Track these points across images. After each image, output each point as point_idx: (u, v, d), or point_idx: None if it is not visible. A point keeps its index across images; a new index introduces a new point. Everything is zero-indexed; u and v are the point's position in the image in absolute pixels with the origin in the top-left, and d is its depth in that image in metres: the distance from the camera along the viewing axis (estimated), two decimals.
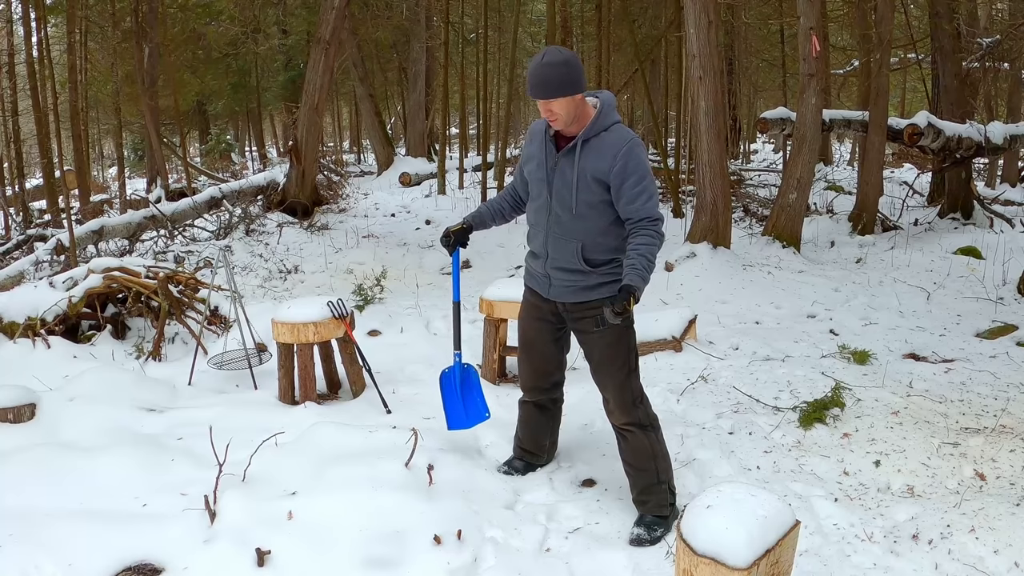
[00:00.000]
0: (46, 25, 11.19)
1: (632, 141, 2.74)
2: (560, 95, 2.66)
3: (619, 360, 2.91)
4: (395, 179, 15.72)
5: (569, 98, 2.68)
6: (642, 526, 2.92)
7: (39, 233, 9.24)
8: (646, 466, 2.95)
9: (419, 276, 7.86)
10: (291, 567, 2.60)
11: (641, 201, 2.71)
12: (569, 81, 2.66)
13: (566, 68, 2.66)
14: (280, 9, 18.30)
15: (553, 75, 2.64)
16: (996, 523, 2.77)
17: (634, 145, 2.73)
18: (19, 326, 4.86)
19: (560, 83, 2.65)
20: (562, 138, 2.85)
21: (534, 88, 2.68)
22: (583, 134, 2.76)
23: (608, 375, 2.93)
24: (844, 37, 17.25)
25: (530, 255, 3.07)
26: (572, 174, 2.79)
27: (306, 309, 4.12)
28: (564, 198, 2.82)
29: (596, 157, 2.75)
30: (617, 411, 2.96)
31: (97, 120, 20.97)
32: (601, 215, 2.80)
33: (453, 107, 20.09)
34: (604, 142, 2.75)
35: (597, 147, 2.75)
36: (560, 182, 2.83)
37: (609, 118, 2.79)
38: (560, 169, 2.83)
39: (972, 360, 4.63)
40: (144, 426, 3.78)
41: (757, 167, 17.20)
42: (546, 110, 2.71)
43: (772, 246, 7.93)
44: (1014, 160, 13.50)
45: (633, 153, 2.71)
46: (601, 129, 2.76)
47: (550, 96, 2.66)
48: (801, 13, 7.63)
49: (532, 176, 2.95)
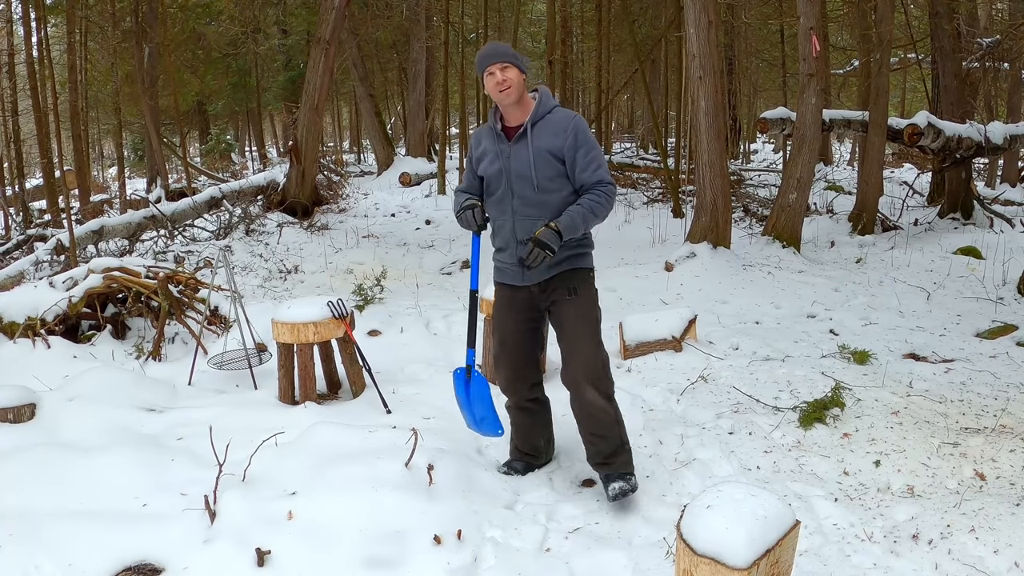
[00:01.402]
0: (46, 25, 11.20)
1: (576, 117, 3.01)
2: (515, 61, 2.96)
3: (589, 330, 3.07)
4: (395, 179, 15.73)
5: (519, 71, 2.97)
6: (618, 480, 3.08)
7: (39, 233, 9.25)
8: (610, 432, 3.10)
9: (419, 276, 7.87)
10: (291, 567, 2.60)
11: (592, 168, 2.97)
12: (520, 58, 3.01)
13: (509, 47, 3.03)
14: (280, 9, 18.30)
15: (501, 48, 3.01)
16: (996, 523, 2.77)
17: (579, 120, 3.00)
18: (19, 326, 4.86)
19: (513, 54, 2.98)
20: (510, 130, 3.06)
21: (489, 56, 2.95)
22: (530, 118, 3.00)
23: (580, 345, 3.05)
24: (844, 37, 17.26)
25: (497, 252, 3.19)
26: (528, 153, 2.99)
27: (306, 309, 4.12)
28: (524, 176, 3.00)
29: (548, 135, 2.98)
30: (585, 380, 3.04)
31: (97, 120, 20.98)
32: (561, 188, 3.01)
33: (453, 107, 20.11)
34: (551, 121, 3.00)
35: (546, 127, 2.99)
36: (517, 164, 3.01)
37: (550, 103, 3.05)
38: (515, 153, 3.02)
39: (972, 360, 4.63)
40: (144, 426, 3.78)
41: (757, 167, 17.21)
42: (502, 79, 2.93)
43: (772, 246, 7.93)
44: (1014, 160, 13.50)
45: (580, 127, 2.98)
46: (545, 112, 3.02)
47: (506, 61, 2.94)
48: (801, 13, 7.63)
49: (488, 171, 3.11)
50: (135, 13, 12.67)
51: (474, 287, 3.21)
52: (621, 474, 3.10)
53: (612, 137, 22.58)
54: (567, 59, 16.19)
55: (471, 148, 3.21)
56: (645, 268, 7.33)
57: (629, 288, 6.64)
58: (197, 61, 19.31)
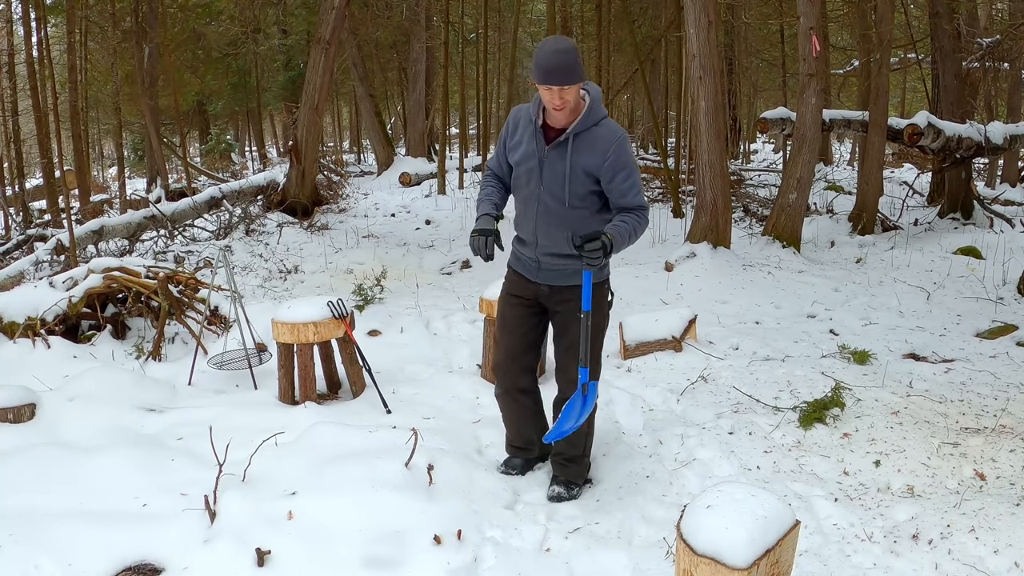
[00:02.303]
0: (46, 25, 11.19)
1: (622, 136, 2.83)
2: (576, 81, 2.70)
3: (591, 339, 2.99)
4: (395, 179, 15.73)
5: (578, 85, 2.73)
6: (560, 485, 3.18)
7: (39, 233, 9.25)
8: (578, 441, 3.13)
9: (419, 276, 7.87)
10: (291, 567, 2.60)
11: (632, 194, 2.84)
12: (580, 68, 2.72)
13: (575, 55, 2.70)
14: (280, 9, 18.30)
15: (569, 61, 2.67)
16: (996, 523, 2.77)
17: (623, 140, 2.83)
18: (19, 326, 4.86)
19: (575, 69, 2.69)
20: (551, 129, 2.88)
21: (552, 75, 2.67)
22: (575, 128, 2.81)
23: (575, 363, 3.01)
24: (844, 37, 17.25)
25: (517, 240, 3.12)
26: (564, 167, 2.84)
27: (306, 309, 4.12)
28: (555, 191, 2.87)
29: (588, 151, 2.81)
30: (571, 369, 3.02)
31: (97, 120, 20.98)
32: (590, 206, 2.91)
33: (453, 107, 20.12)
34: (595, 136, 2.82)
35: (589, 141, 2.82)
36: (551, 175, 2.87)
37: (599, 112, 2.86)
38: (550, 162, 2.87)
39: (972, 360, 4.62)
40: (144, 426, 3.78)
41: (757, 167, 17.21)
42: (559, 98, 2.72)
43: (772, 246, 7.93)
44: (1014, 160, 13.49)
45: (623, 148, 2.81)
46: (592, 123, 2.83)
47: (569, 82, 2.68)
48: (801, 13, 7.63)
49: (520, 166, 2.97)
50: (135, 13, 12.66)
51: (586, 308, 2.86)
52: (567, 481, 3.20)
53: None
54: None
55: (507, 126, 3.03)
56: (645, 268, 7.33)
57: (629, 288, 6.63)
58: (197, 61, 19.31)
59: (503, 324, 3.23)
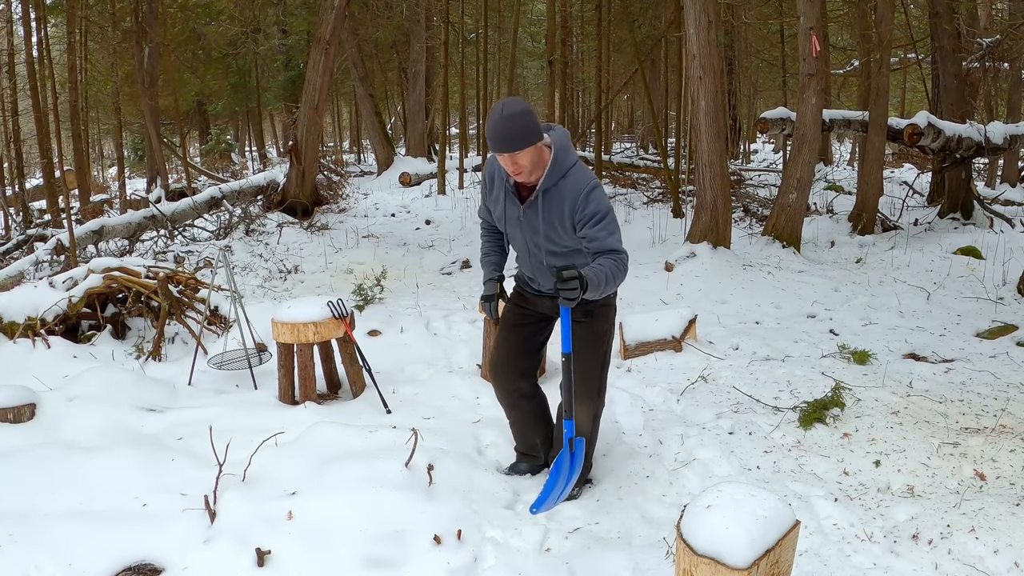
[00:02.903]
0: (46, 25, 11.20)
1: (588, 185, 2.77)
2: (526, 146, 2.67)
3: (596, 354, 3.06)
4: (395, 179, 15.73)
5: (534, 147, 2.70)
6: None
7: (39, 233, 9.25)
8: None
9: (419, 276, 7.87)
10: (291, 567, 2.60)
11: (602, 237, 2.75)
12: (533, 129, 2.67)
13: (526, 118, 2.66)
14: (280, 9, 18.32)
15: (518, 126, 2.64)
16: (996, 523, 2.77)
17: (591, 189, 2.77)
18: (19, 326, 4.86)
19: (524, 134, 2.65)
20: (523, 188, 2.89)
21: (500, 143, 2.66)
22: (542, 184, 2.79)
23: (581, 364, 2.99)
24: (844, 37, 17.26)
25: (520, 272, 3.17)
26: (539, 224, 2.85)
27: (306, 309, 4.12)
28: (540, 243, 2.90)
29: (558, 205, 2.80)
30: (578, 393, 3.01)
31: (97, 120, 20.99)
32: (579, 249, 2.89)
33: (453, 107, 20.11)
34: (563, 190, 2.79)
35: (557, 196, 2.80)
36: (531, 231, 2.90)
37: (565, 162, 2.80)
38: (527, 219, 2.89)
39: (972, 360, 4.62)
40: (144, 426, 3.78)
41: (757, 167, 17.21)
42: (512, 163, 2.71)
43: (772, 246, 7.93)
44: (1014, 160, 13.49)
45: (592, 197, 2.76)
46: (559, 177, 2.79)
47: (517, 148, 2.66)
48: (801, 13, 7.63)
49: (502, 222, 3.01)
50: (135, 13, 12.66)
51: (567, 350, 2.81)
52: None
53: (612, 137, 22.58)
54: (567, 59, 16.19)
55: (484, 178, 3.07)
56: (645, 268, 7.33)
57: (629, 288, 6.63)
58: (197, 61, 19.32)
59: (506, 325, 3.23)
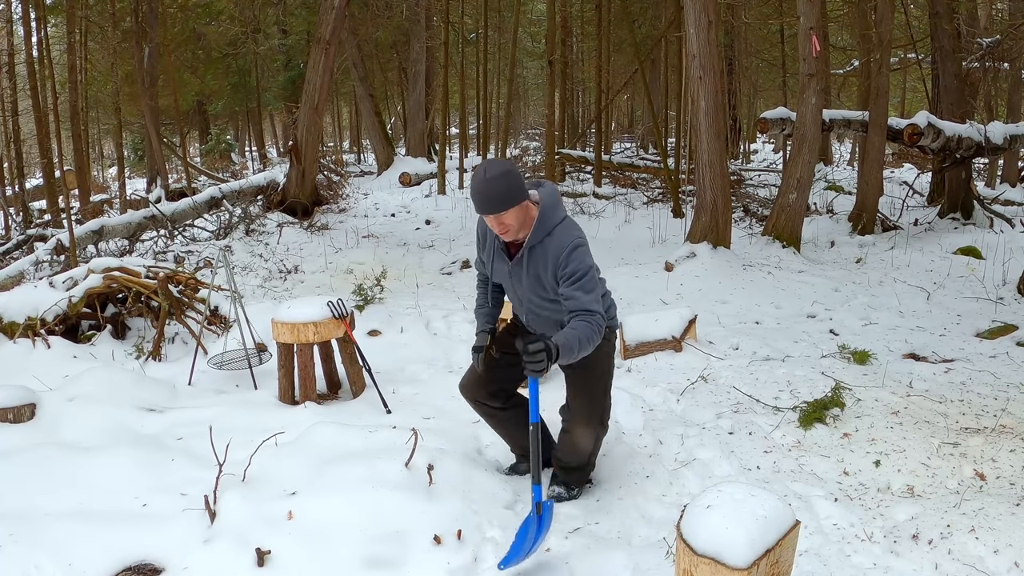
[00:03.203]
0: (46, 25, 11.20)
1: (572, 244, 2.78)
2: (509, 207, 2.70)
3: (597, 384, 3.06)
4: (395, 179, 15.73)
5: (518, 207, 2.73)
6: (560, 485, 3.22)
7: (39, 233, 9.25)
8: (582, 460, 3.16)
9: (419, 276, 7.87)
10: (291, 567, 2.60)
11: (578, 296, 2.75)
12: (516, 190, 2.70)
13: (509, 178, 2.69)
14: (280, 9, 18.32)
15: (500, 188, 2.67)
16: (996, 523, 2.76)
17: (574, 248, 2.78)
18: (19, 326, 4.86)
19: (508, 195, 2.68)
20: (511, 245, 2.95)
21: (484, 205, 2.70)
22: (528, 241, 2.84)
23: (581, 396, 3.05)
24: (844, 37, 17.27)
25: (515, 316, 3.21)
26: (524, 279, 2.91)
27: (306, 309, 4.12)
28: (530, 296, 2.95)
29: (543, 263, 2.84)
30: (578, 420, 3.03)
31: (97, 120, 20.99)
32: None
33: (453, 107, 20.11)
34: (547, 248, 2.82)
35: (542, 253, 2.84)
36: (519, 285, 2.96)
37: (551, 219, 2.83)
38: (516, 274, 2.95)
39: (972, 360, 4.62)
40: (144, 426, 3.78)
41: (757, 167, 17.21)
42: (498, 223, 2.75)
43: (772, 246, 7.93)
44: (1014, 160, 13.50)
45: (573, 256, 2.77)
46: (544, 234, 2.82)
47: (501, 210, 2.70)
48: (801, 13, 7.63)
49: (495, 276, 3.07)
50: (135, 13, 12.67)
51: (534, 419, 2.78)
52: (567, 482, 3.23)
53: (612, 137, 22.58)
54: (567, 59, 16.19)
55: (477, 234, 3.10)
56: (645, 268, 7.33)
57: (629, 288, 6.63)
58: (197, 61, 19.32)
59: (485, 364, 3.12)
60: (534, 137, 24.51)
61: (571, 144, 17.07)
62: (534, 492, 2.73)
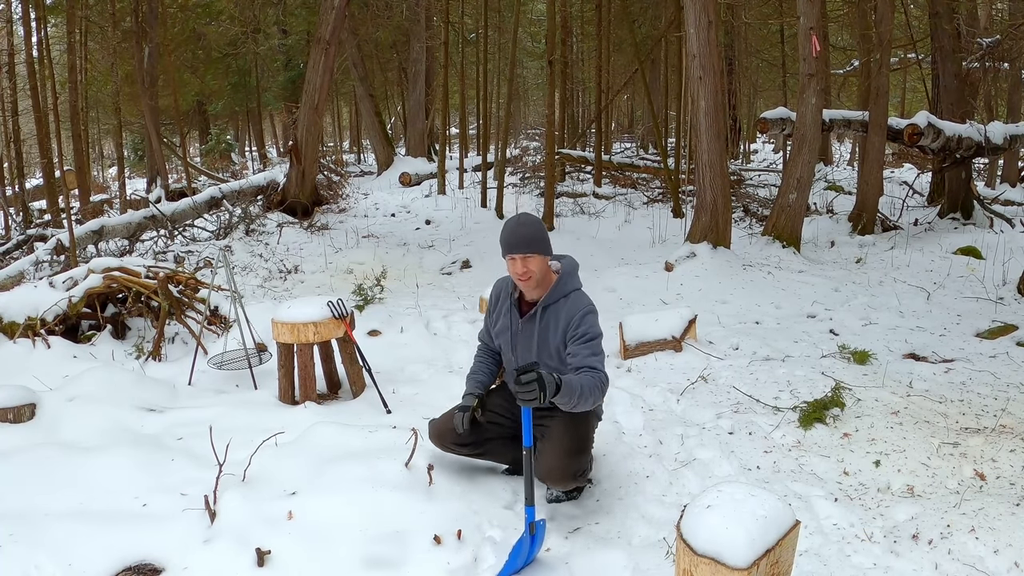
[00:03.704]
0: (46, 25, 11.20)
1: (586, 309, 2.92)
2: (539, 251, 2.87)
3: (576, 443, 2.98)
4: (395, 179, 15.73)
5: (543, 257, 2.90)
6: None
7: (39, 233, 9.26)
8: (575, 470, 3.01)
9: (419, 276, 7.87)
10: (291, 567, 2.60)
11: (585, 355, 2.85)
12: (544, 240, 2.90)
13: (540, 228, 2.90)
14: (280, 9, 18.33)
15: (532, 232, 2.87)
16: (996, 523, 2.77)
17: (588, 312, 2.92)
18: (19, 326, 4.86)
19: (537, 239, 2.87)
20: (524, 303, 3.06)
21: (516, 245, 2.85)
22: (544, 300, 2.97)
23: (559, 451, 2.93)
24: (844, 37, 17.27)
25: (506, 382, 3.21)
26: (533, 340, 2.99)
27: (306, 309, 4.11)
28: (528, 360, 2.98)
29: (554, 323, 2.95)
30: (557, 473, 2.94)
31: (97, 120, 21.01)
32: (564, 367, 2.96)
33: (453, 107, 20.12)
34: (562, 309, 2.95)
35: (555, 313, 2.96)
36: (523, 347, 3.02)
37: (569, 285, 2.99)
38: (523, 334, 3.01)
39: (972, 360, 4.62)
40: (144, 426, 3.78)
41: (757, 167, 17.21)
42: (523, 268, 2.87)
43: (772, 246, 7.93)
44: (1014, 160, 13.50)
45: (587, 319, 2.90)
46: (561, 296, 2.97)
47: (531, 251, 2.85)
48: (801, 13, 7.63)
49: (498, 337, 3.17)
50: (135, 13, 12.68)
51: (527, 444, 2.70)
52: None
53: (612, 137, 22.58)
54: (567, 59, 16.19)
55: (491, 297, 3.17)
56: (645, 268, 7.33)
57: (629, 288, 6.64)
58: (197, 61, 19.33)
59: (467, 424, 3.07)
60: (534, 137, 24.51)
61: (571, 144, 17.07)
62: (527, 513, 2.70)
